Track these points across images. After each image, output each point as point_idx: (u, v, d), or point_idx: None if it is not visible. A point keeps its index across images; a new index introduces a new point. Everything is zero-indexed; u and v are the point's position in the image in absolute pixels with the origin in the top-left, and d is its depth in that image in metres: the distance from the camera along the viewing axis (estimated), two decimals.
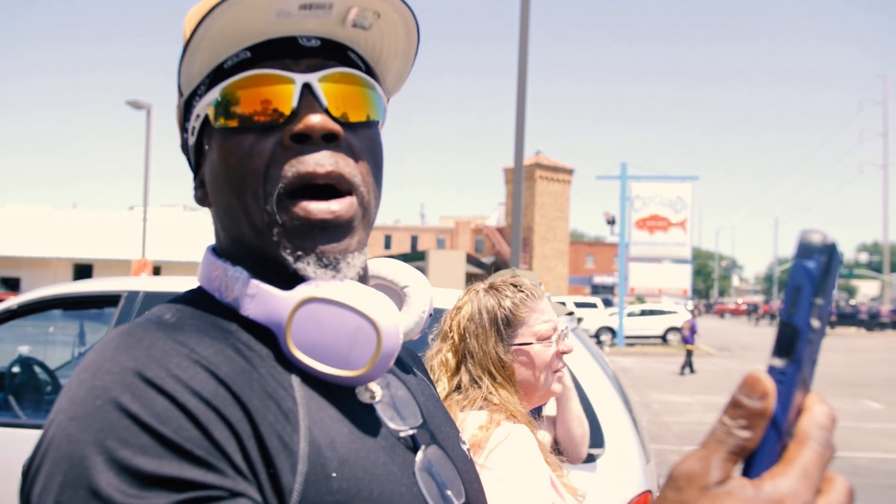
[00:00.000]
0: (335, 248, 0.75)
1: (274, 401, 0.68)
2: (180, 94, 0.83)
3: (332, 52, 0.79)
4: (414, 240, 79.04)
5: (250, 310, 0.75)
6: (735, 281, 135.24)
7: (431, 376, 1.67)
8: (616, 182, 31.02)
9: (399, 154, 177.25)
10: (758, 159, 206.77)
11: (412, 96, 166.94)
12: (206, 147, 0.81)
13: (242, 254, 0.79)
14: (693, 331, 19.70)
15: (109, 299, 3.71)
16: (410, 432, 0.81)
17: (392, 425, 0.79)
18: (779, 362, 0.48)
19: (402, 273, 0.95)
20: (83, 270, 35.89)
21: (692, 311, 24.85)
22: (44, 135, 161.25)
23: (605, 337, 30.05)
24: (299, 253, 0.74)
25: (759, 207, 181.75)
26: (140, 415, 0.59)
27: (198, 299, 0.79)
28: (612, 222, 34.74)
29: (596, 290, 62.57)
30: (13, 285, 35.05)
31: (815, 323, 0.48)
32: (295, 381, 0.72)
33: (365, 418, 0.76)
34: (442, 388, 1.68)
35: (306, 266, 0.74)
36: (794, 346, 0.47)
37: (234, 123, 0.76)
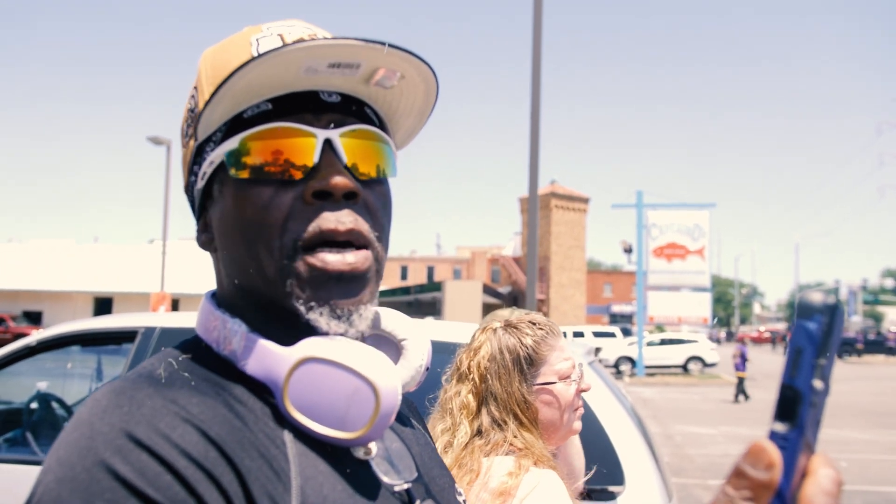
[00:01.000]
0: (349, 300, 0.75)
1: (265, 460, 0.67)
2: (188, 136, 0.83)
3: (351, 108, 0.79)
4: (430, 270, 79.09)
5: (248, 365, 0.74)
6: (756, 308, 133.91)
7: (450, 420, 1.64)
8: (632, 210, 30.97)
9: (414, 184, 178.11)
10: (776, 184, 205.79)
11: (427, 126, 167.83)
12: (217, 193, 0.80)
13: (248, 302, 0.79)
14: (744, 358, 20.38)
15: (126, 335, 3.72)
16: (405, 486, 0.80)
17: (387, 480, 0.78)
18: (781, 427, 0.47)
19: (401, 325, 0.93)
20: (103, 304, 36.18)
21: (741, 339, 25.10)
22: (66, 170, 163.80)
23: (625, 367, 29.76)
24: (312, 304, 0.74)
25: (779, 233, 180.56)
26: (128, 477, 0.59)
27: (194, 350, 0.78)
28: (629, 251, 34.65)
29: (614, 319, 62.18)
30: (35, 319, 35.33)
31: (818, 384, 0.47)
32: (287, 437, 0.71)
33: (359, 473, 0.75)
34: (463, 431, 1.62)
35: (319, 317, 0.74)
36: (796, 410, 0.46)
37: (252, 175, 0.75)
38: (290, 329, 0.75)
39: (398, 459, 0.82)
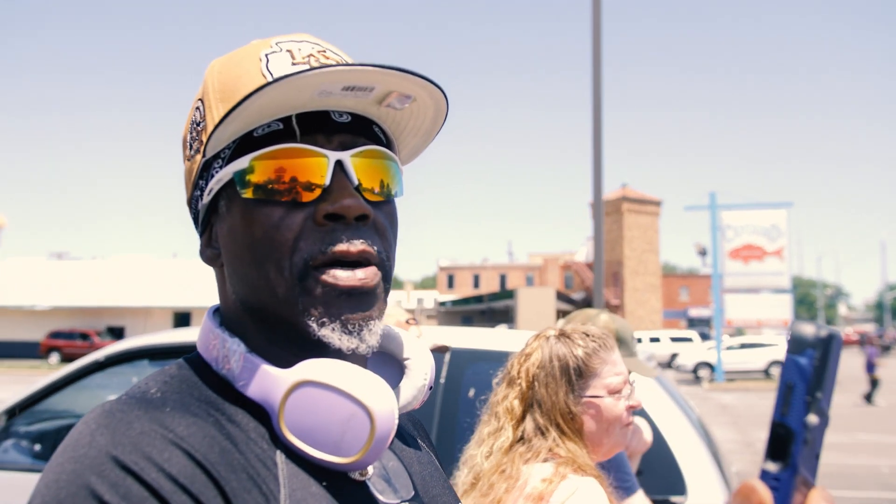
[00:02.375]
0: (360, 315, 0.75)
1: (254, 482, 0.67)
2: (193, 149, 0.82)
3: (360, 127, 0.80)
4: (502, 278, 78.97)
5: (245, 386, 0.74)
6: (842, 310, 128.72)
7: (496, 423, 1.66)
8: (706, 212, 30.24)
9: (485, 192, 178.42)
10: (858, 180, 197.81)
11: (496, 134, 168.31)
12: (224, 210, 0.79)
13: (252, 319, 0.78)
14: (872, 360, 20.05)
15: (191, 349, 3.79)
16: None
17: (382, 499, 0.77)
18: (773, 467, 0.45)
19: (404, 344, 0.93)
20: (182, 318, 37.40)
21: (870, 340, 24.50)
22: (146, 188, 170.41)
23: (704, 372, 29.00)
24: (325, 320, 0.74)
25: (864, 231, 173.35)
26: (111, 501, 0.59)
27: (193, 368, 0.78)
28: (703, 253, 33.89)
29: (692, 323, 60.81)
30: (118, 334, 36.77)
31: (812, 419, 0.45)
32: (280, 458, 0.71)
33: (354, 494, 0.74)
34: (506, 437, 1.62)
35: (331, 333, 0.74)
36: (788, 450, 0.45)
37: (262, 195, 0.75)
38: (294, 347, 0.76)
39: (395, 478, 0.82)
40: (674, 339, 37.14)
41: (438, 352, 2.50)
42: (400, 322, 2.32)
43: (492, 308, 44.38)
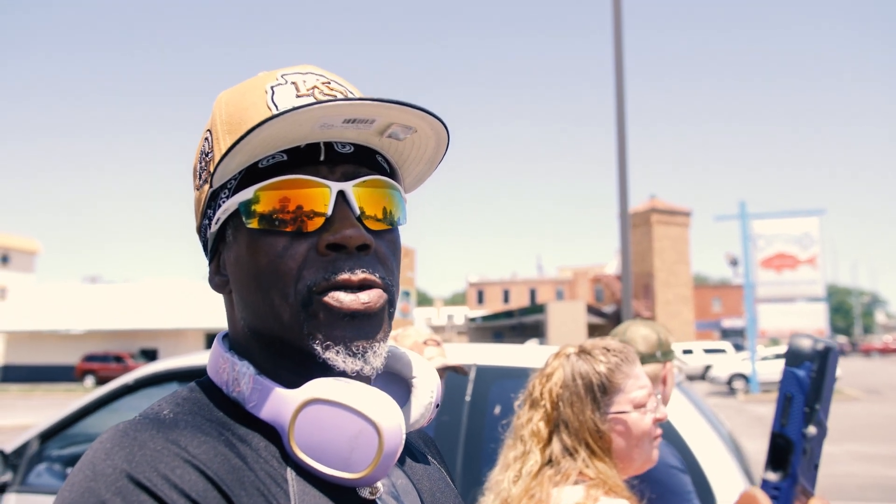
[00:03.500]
0: (364, 338, 0.77)
1: (265, 498, 0.69)
2: (202, 179, 0.84)
3: (363, 157, 0.81)
4: (532, 292, 78.70)
5: (255, 407, 0.76)
6: (880, 317, 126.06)
7: (521, 447, 1.64)
8: (736, 222, 29.90)
9: (514, 207, 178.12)
10: (892, 185, 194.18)
11: (524, 149, 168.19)
12: (231, 238, 0.82)
13: (260, 344, 0.81)
14: None
15: None
16: None
17: None
18: (773, 476, 0.46)
19: (410, 364, 0.94)
20: (213, 340, 37.61)
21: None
22: (177, 212, 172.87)
23: (738, 384, 28.53)
24: (329, 343, 0.76)
25: None
26: None
27: (204, 391, 0.80)
28: (734, 263, 33.45)
29: (725, 334, 60.04)
30: (152, 356, 37.09)
31: (811, 430, 0.46)
32: (290, 475, 0.73)
33: None
34: (533, 460, 1.58)
35: (336, 356, 0.75)
36: (788, 459, 0.45)
37: (266, 225, 0.77)
38: (301, 370, 0.78)
39: (404, 495, 0.83)
40: (707, 351, 36.61)
41: (458, 373, 2.48)
42: (417, 343, 2.31)
43: (522, 323, 44.13)
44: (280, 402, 0.74)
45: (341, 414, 0.72)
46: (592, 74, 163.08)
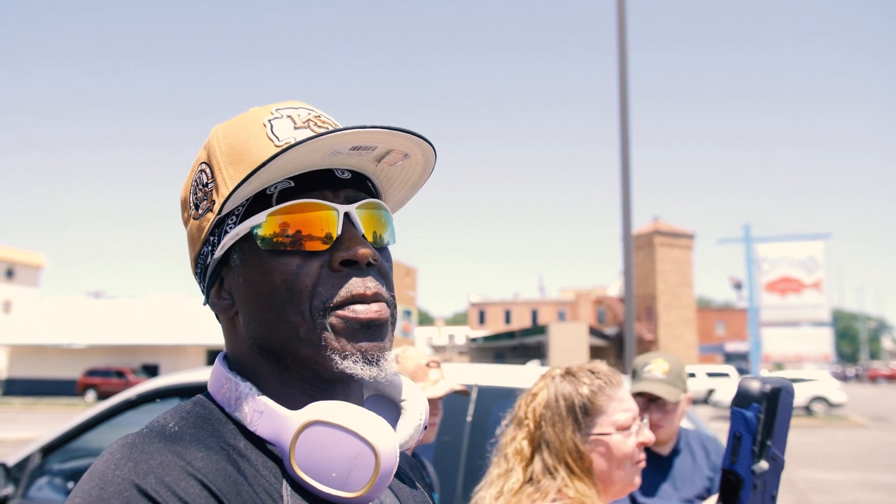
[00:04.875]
0: (377, 346, 0.82)
1: None
2: (202, 209, 0.88)
3: (359, 183, 0.88)
4: (534, 313, 78.56)
5: (257, 427, 0.80)
6: (886, 343, 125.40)
7: (505, 465, 1.68)
8: (741, 245, 29.90)
9: (516, 227, 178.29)
10: None
11: (527, 170, 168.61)
12: (237, 262, 0.86)
13: (268, 360, 0.85)
14: None
15: None
16: None
17: None
18: None
19: (399, 386, 0.99)
20: (215, 356, 37.33)
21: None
22: (180, 229, 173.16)
23: None
24: (346, 353, 0.80)
25: None
26: None
27: (207, 406, 0.84)
28: (738, 287, 33.37)
29: (729, 358, 59.74)
30: (153, 371, 37.05)
31: (763, 465, 0.49)
32: (286, 490, 0.77)
33: None
34: (516, 478, 1.61)
35: (353, 364, 0.80)
36: (738, 494, 0.48)
37: (279, 246, 0.83)
38: (308, 388, 0.84)
39: None
40: (710, 375, 36.44)
41: (460, 395, 2.49)
42: (420, 364, 2.32)
43: (524, 344, 44.02)
44: (281, 423, 0.78)
45: (341, 436, 0.76)
46: (596, 95, 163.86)
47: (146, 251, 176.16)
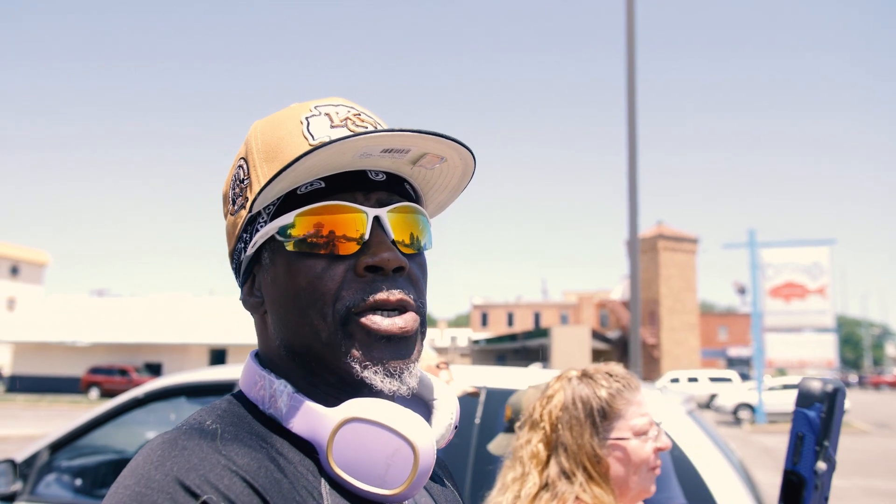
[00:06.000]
0: (401, 360, 0.80)
1: None
2: (237, 205, 0.88)
3: (394, 185, 0.86)
4: (536, 316, 78.45)
5: (293, 424, 0.79)
6: (890, 349, 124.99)
7: (520, 469, 1.65)
8: (745, 250, 29.85)
9: (519, 230, 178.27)
10: None
11: (531, 172, 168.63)
12: (267, 261, 0.85)
13: (295, 362, 0.84)
14: None
15: (229, 387, 3.84)
16: None
17: None
18: None
19: (431, 386, 0.98)
20: (218, 355, 37.62)
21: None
22: (181, 225, 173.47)
23: (744, 414, 28.30)
24: (367, 363, 0.79)
25: None
26: None
27: (241, 405, 0.83)
28: (742, 292, 33.34)
29: (732, 363, 59.62)
30: (156, 370, 37.06)
31: (821, 466, 0.50)
32: (325, 489, 0.76)
33: None
34: (532, 482, 1.58)
35: (374, 375, 0.79)
36: (801, 495, 0.49)
37: (305, 248, 0.81)
38: (335, 389, 0.82)
39: None
40: (713, 380, 36.37)
41: (471, 396, 2.50)
42: (430, 366, 2.33)
43: (526, 346, 44.01)
44: (318, 420, 0.77)
45: (379, 433, 0.75)
46: (601, 98, 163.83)
47: (150, 250, 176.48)
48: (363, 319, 0.79)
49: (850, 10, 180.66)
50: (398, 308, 0.81)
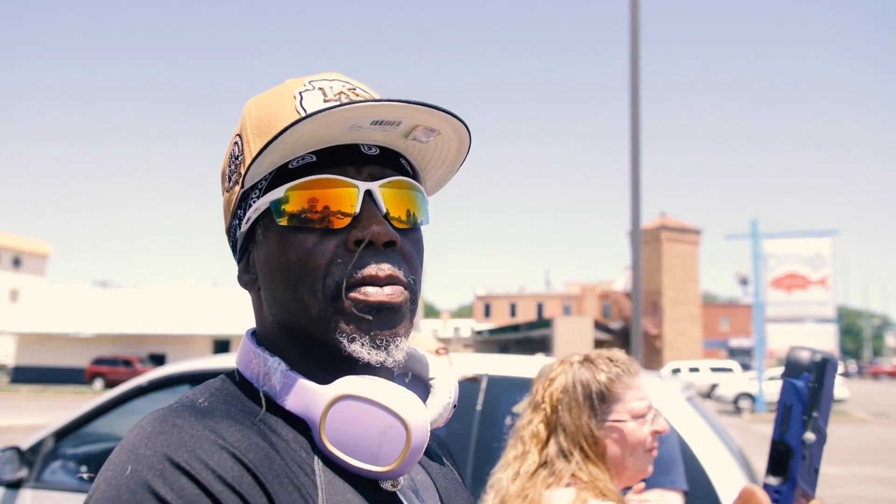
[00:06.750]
0: (388, 331, 0.80)
1: (295, 486, 0.72)
2: (232, 181, 0.88)
3: (388, 160, 0.85)
4: (539, 307, 78.49)
5: (286, 400, 0.79)
6: (890, 340, 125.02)
7: (521, 447, 1.70)
8: (747, 241, 29.85)
9: (522, 221, 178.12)
10: None
11: (534, 163, 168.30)
12: (261, 237, 0.85)
13: (288, 339, 0.84)
14: None
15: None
16: None
17: None
18: (774, 481, 0.49)
19: (429, 365, 0.98)
20: (221, 345, 37.71)
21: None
22: (187, 219, 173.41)
23: (745, 403, 28.37)
24: (354, 336, 0.78)
25: None
26: (168, 499, 0.64)
27: (235, 383, 0.83)
28: (744, 283, 33.34)
29: (733, 353, 59.64)
30: (160, 361, 37.12)
31: (810, 437, 0.49)
32: (318, 466, 0.76)
33: (384, 502, 0.79)
34: (531, 460, 1.65)
35: (360, 347, 0.78)
36: (788, 465, 0.48)
37: (296, 222, 0.80)
38: (328, 365, 0.81)
39: (423, 490, 0.87)
40: (714, 370, 36.45)
41: (470, 382, 2.53)
42: (430, 351, 2.35)
43: (529, 337, 44.06)
44: (311, 397, 0.77)
45: (372, 410, 0.75)
46: (604, 90, 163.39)
47: (154, 241, 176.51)
48: (353, 294, 0.78)
49: (851, 3, 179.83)
50: (388, 284, 0.80)
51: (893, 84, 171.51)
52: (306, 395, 0.78)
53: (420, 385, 0.98)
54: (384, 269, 0.79)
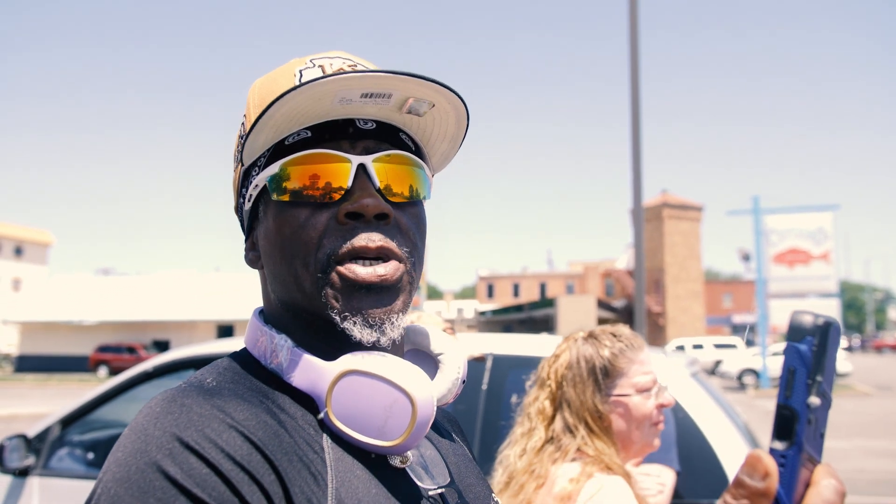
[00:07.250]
0: (381, 310, 0.79)
1: (304, 463, 0.72)
2: (239, 161, 0.88)
3: (386, 134, 0.84)
4: (542, 286, 78.51)
5: (293, 377, 0.79)
6: (892, 314, 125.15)
7: (528, 424, 1.72)
8: (749, 217, 29.79)
9: (524, 201, 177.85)
10: None
11: (536, 143, 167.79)
12: (262, 214, 0.86)
13: (290, 316, 0.84)
14: None
15: None
16: (439, 491, 0.83)
17: (420, 484, 0.82)
18: (780, 445, 0.49)
19: (437, 340, 0.97)
20: (225, 331, 37.79)
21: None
22: (189, 205, 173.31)
23: (749, 379, 28.44)
24: (346, 314, 0.78)
25: None
26: (178, 478, 0.64)
27: (243, 362, 0.83)
28: (747, 258, 33.34)
29: (736, 329, 59.71)
30: (164, 347, 37.28)
31: (815, 401, 0.49)
32: (326, 443, 0.76)
33: (393, 478, 0.79)
34: (538, 437, 1.66)
35: (353, 326, 0.78)
36: (793, 429, 0.49)
37: (291, 197, 0.81)
38: (332, 340, 0.81)
39: (432, 465, 0.87)
40: (718, 346, 36.50)
41: (476, 361, 2.53)
42: None
43: (532, 317, 44.11)
44: (318, 373, 0.78)
45: (377, 385, 0.76)
46: (604, 69, 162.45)
47: (156, 228, 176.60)
48: (342, 268, 0.78)
49: None
50: (380, 256, 0.80)
51: (894, 58, 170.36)
52: (312, 372, 0.78)
53: (429, 361, 0.97)
54: (375, 239, 0.79)
